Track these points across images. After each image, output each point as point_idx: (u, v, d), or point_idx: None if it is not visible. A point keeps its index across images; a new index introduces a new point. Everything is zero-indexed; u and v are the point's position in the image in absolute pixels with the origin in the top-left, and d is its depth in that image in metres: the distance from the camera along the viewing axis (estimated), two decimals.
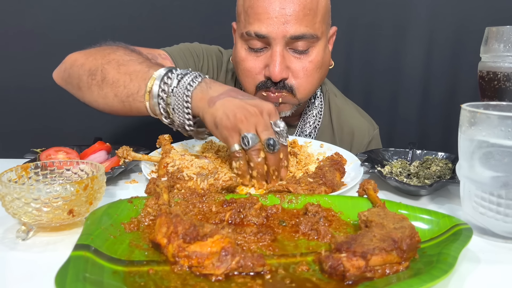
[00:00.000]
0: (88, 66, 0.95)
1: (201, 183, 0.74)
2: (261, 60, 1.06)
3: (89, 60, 0.96)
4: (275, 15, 0.99)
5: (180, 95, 0.83)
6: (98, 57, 0.95)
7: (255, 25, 1.01)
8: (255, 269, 0.49)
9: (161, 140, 0.92)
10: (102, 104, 0.94)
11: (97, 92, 0.93)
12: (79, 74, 0.96)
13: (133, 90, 0.88)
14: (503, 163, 0.59)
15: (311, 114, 1.23)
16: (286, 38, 1.00)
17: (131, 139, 1.62)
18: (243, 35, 1.05)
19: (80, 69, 0.96)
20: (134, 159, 0.88)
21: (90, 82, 0.94)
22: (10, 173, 0.65)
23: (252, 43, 1.04)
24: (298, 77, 1.06)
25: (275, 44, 1.01)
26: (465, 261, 0.57)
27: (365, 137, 1.27)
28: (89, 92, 0.95)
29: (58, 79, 1.05)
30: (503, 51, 0.78)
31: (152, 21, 1.69)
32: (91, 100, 0.96)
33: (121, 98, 0.90)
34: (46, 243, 0.60)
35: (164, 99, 0.84)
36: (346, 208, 0.67)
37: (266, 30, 1.00)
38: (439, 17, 1.74)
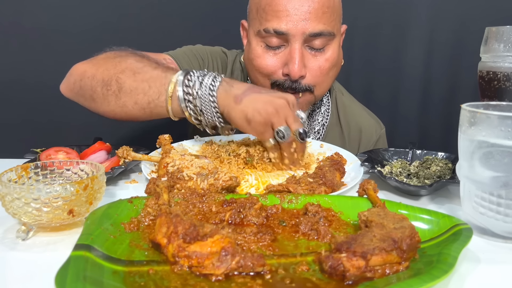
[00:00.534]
0: (101, 77, 0.94)
1: (201, 183, 0.74)
2: (279, 58, 1.06)
3: (100, 71, 0.95)
4: (294, 13, 1.00)
5: (205, 96, 0.86)
6: (109, 67, 0.95)
7: (274, 22, 1.01)
8: (255, 269, 0.49)
9: (161, 140, 0.92)
10: (120, 113, 0.95)
11: (115, 102, 0.93)
12: (92, 86, 0.95)
13: (154, 96, 0.89)
14: (503, 163, 0.59)
15: (319, 111, 1.24)
16: (305, 35, 1.01)
17: (131, 139, 1.62)
18: (260, 33, 1.05)
19: (92, 80, 0.95)
20: (134, 159, 0.88)
21: (105, 93, 0.93)
22: (10, 173, 0.65)
23: (269, 41, 1.04)
24: (315, 76, 1.07)
25: (294, 41, 1.02)
26: (465, 261, 0.57)
27: (372, 136, 1.29)
28: (105, 103, 0.95)
29: (67, 92, 1.03)
30: (503, 51, 0.78)
31: (150, 22, 1.69)
32: (108, 110, 0.96)
33: (142, 106, 0.91)
34: (46, 243, 0.60)
35: (191, 101, 0.87)
36: (346, 208, 0.67)
37: (286, 27, 1.01)
38: (439, 17, 1.74)
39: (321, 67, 1.06)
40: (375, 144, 1.29)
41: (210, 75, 0.88)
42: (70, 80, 1.01)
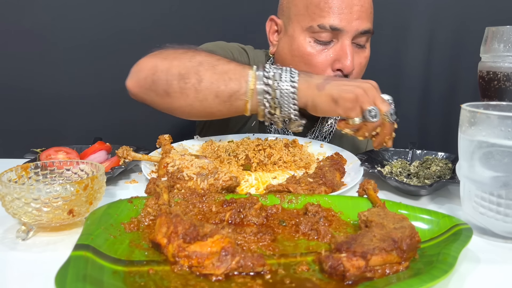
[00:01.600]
0: (177, 70, 0.91)
1: (201, 183, 0.74)
2: (329, 54, 1.08)
3: (175, 64, 0.92)
4: (349, 11, 1.04)
5: (286, 88, 0.87)
6: (184, 60, 0.92)
7: (329, 18, 1.04)
8: (255, 269, 0.49)
9: (161, 140, 0.92)
10: (198, 107, 0.92)
11: (194, 96, 0.90)
12: (167, 80, 0.91)
13: (235, 88, 0.89)
14: (503, 163, 0.59)
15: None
16: (357, 32, 1.06)
17: (131, 139, 1.62)
18: (311, 28, 1.07)
19: (167, 74, 0.92)
20: (134, 159, 0.88)
21: (183, 86, 0.90)
22: (10, 173, 0.65)
23: (321, 36, 1.06)
24: (357, 71, 1.12)
25: (346, 37, 1.06)
26: (465, 261, 0.57)
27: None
28: (182, 97, 0.91)
29: (136, 88, 0.97)
30: (503, 51, 0.78)
31: (150, 23, 1.69)
32: (184, 105, 0.92)
33: (223, 99, 0.90)
34: (46, 243, 0.60)
35: (270, 93, 0.88)
36: (346, 208, 0.67)
37: (341, 23, 1.04)
38: (439, 17, 1.74)
39: (361, 63, 1.12)
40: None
41: (285, 69, 0.89)
42: (140, 75, 0.95)
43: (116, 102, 1.73)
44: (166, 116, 1.71)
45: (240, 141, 1.02)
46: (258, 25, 1.62)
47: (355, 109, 0.84)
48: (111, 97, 1.71)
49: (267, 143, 0.98)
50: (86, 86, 1.70)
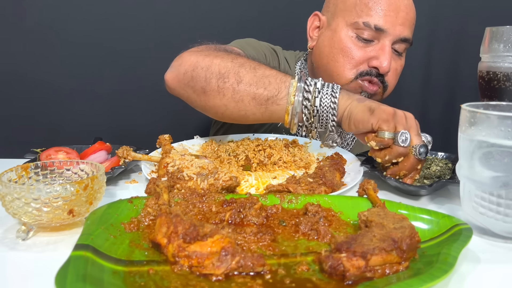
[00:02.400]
0: (217, 69, 0.91)
1: (201, 183, 0.74)
2: (368, 51, 1.11)
3: (216, 63, 0.92)
4: (395, 15, 1.08)
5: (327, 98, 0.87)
6: (226, 60, 0.93)
7: (375, 17, 1.08)
8: (255, 269, 0.49)
9: (161, 140, 0.92)
10: (233, 108, 0.91)
11: (231, 96, 0.90)
12: (206, 77, 0.91)
13: (274, 92, 0.88)
14: (503, 163, 0.59)
15: None
16: (398, 37, 1.10)
17: (131, 139, 1.62)
18: (356, 24, 1.10)
19: (207, 71, 0.92)
20: (134, 159, 0.88)
21: (221, 85, 0.90)
22: (10, 173, 0.65)
23: (364, 33, 1.10)
24: (392, 76, 1.14)
25: (387, 39, 1.09)
26: (465, 261, 0.57)
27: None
28: (218, 96, 0.91)
29: (174, 82, 0.97)
30: (503, 51, 0.78)
31: (158, 20, 1.69)
32: (220, 104, 0.92)
33: (259, 101, 0.89)
34: (46, 243, 0.60)
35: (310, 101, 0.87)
36: (346, 208, 0.67)
37: (386, 25, 1.08)
38: (439, 17, 1.74)
39: (397, 70, 1.16)
40: None
41: (327, 84, 0.89)
42: (180, 70, 0.95)
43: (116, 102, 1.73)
44: (166, 116, 1.72)
45: (240, 141, 1.02)
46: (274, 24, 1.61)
47: (389, 123, 0.81)
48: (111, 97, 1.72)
49: (267, 143, 0.98)
50: (86, 86, 1.70)
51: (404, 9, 1.09)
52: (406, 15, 1.09)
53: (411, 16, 1.11)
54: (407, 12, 1.10)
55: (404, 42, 1.11)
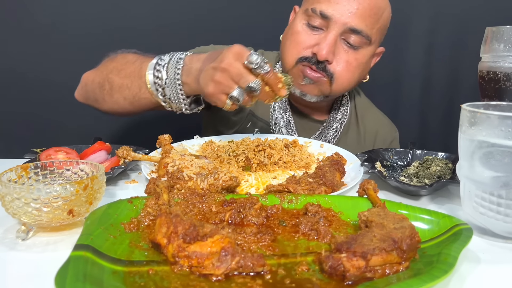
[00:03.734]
0: (98, 80, 1.05)
1: (201, 183, 0.74)
2: (314, 38, 1.09)
3: (97, 75, 1.06)
4: (344, 3, 1.05)
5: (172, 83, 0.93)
6: (103, 69, 1.06)
7: (323, 4, 1.06)
8: (255, 269, 0.49)
9: (161, 140, 0.92)
10: (118, 109, 1.04)
11: (110, 100, 1.03)
12: (93, 89, 1.07)
13: (136, 90, 0.98)
14: (503, 163, 0.59)
15: (339, 110, 1.27)
16: (345, 26, 1.06)
17: (131, 139, 1.62)
18: (307, 11, 1.10)
19: (92, 84, 1.07)
20: (134, 159, 0.88)
21: (102, 93, 1.04)
22: (10, 173, 0.65)
23: (313, 20, 1.09)
24: (340, 67, 1.10)
25: (333, 28, 1.06)
26: (465, 261, 0.57)
27: (388, 137, 1.32)
28: (104, 102, 1.05)
29: (79, 98, 1.14)
30: (503, 51, 0.78)
31: (159, 21, 1.69)
32: (109, 108, 1.06)
33: (130, 100, 1.00)
34: (46, 243, 0.60)
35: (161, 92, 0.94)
36: (346, 208, 0.67)
37: (332, 12, 1.05)
38: (439, 17, 1.74)
39: (348, 62, 1.10)
40: (389, 145, 1.32)
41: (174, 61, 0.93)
42: (80, 87, 1.13)
43: None
44: (166, 116, 1.71)
45: (240, 141, 1.02)
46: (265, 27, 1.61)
47: (220, 100, 0.85)
48: None
49: (267, 144, 0.98)
50: None
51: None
52: (359, 4, 1.05)
53: (366, 7, 1.06)
54: (359, 2, 1.05)
55: (355, 33, 1.07)
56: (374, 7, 1.07)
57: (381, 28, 1.12)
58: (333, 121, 1.25)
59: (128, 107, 1.02)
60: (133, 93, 0.99)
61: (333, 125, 1.25)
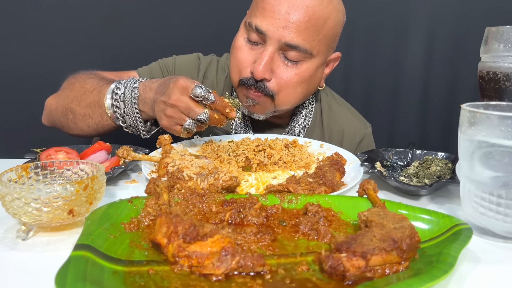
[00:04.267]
0: (60, 109, 1.09)
1: (201, 183, 0.74)
2: (253, 55, 1.05)
3: (59, 103, 1.10)
4: (279, 17, 0.99)
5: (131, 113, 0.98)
6: (64, 97, 1.09)
7: (258, 18, 1.01)
8: (255, 269, 0.49)
9: (161, 140, 0.92)
10: (84, 135, 1.09)
11: (75, 127, 1.08)
12: (58, 117, 1.11)
13: (98, 118, 1.03)
14: (503, 163, 0.59)
15: (300, 114, 1.23)
16: (280, 42, 1.00)
17: (131, 139, 1.62)
18: (246, 25, 1.06)
19: (56, 113, 1.11)
20: (134, 159, 0.88)
21: (66, 121, 1.08)
22: (10, 173, 0.65)
23: (250, 35, 1.04)
24: (280, 84, 1.05)
25: (269, 44, 1.01)
26: (465, 261, 0.57)
27: (355, 136, 1.27)
28: (70, 129, 1.10)
29: (46, 123, 1.18)
30: (503, 51, 0.78)
31: (153, 22, 1.69)
32: (76, 134, 1.11)
33: (94, 128, 1.05)
34: (46, 243, 0.60)
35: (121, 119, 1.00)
36: (346, 208, 0.67)
37: (266, 27, 1.00)
38: (439, 17, 1.74)
39: (288, 79, 1.04)
40: (358, 144, 1.28)
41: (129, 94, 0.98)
42: (45, 114, 1.17)
43: None
44: None
45: (240, 141, 1.02)
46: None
47: (175, 130, 0.90)
48: None
49: (267, 144, 0.98)
50: None
51: (292, 12, 0.98)
52: (293, 17, 0.98)
53: (301, 20, 0.98)
54: (294, 15, 0.98)
55: (293, 49, 1.00)
56: (312, 19, 0.99)
57: (326, 38, 1.05)
58: (294, 127, 1.22)
59: (93, 133, 1.08)
60: (96, 122, 1.03)
61: (294, 131, 1.22)
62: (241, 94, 1.09)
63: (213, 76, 1.26)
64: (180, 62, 1.25)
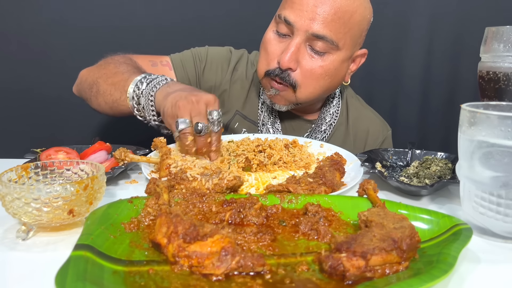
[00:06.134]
0: (89, 81, 1.14)
1: (206, 183, 0.74)
2: (281, 47, 1.10)
3: (90, 76, 1.15)
4: (306, 9, 1.04)
5: (147, 95, 0.97)
6: (96, 72, 1.14)
7: (287, 10, 1.07)
8: (255, 269, 0.49)
9: (156, 142, 0.92)
10: (102, 109, 1.13)
11: (95, 102, 1.13)
12: (84, 88, 1.16)
13: (117, 97, 1.05)
14: (503, 163, 0.59)
15: (328, 112, 1.28)
16: (308, 33, 1.04)
17: (131, 139, 1.62)
18: (276, 17, 1.11)
19: (85, 84, 1.16)
20: (132, 160, 0.88)
21: (90, 94, 1.13)
22: (10, 173, 0.65)
23: (280, 27, 1.09)
24: (304, 75, 1.09)
25: (296, 35, 1.06)
26: (465, 261, 0.57)
27: (379, 136, 1.33)
28: (91, 102, 1.15)
29: (75, 92, 1.24)
30: (503, 51, 0.78)
31: (160, 24, 1.69)
32: (95, 107, 1.15)
33: (110, 105, 1.08)
34: (46, 243, 0.60)
35: (136, 100, 1.00)
36: (346, 208, 0.67)
37: (294, 19, 1.05)
38: (439, 17, 1.74)
39: (313, 70, 1.08)
40: (381, 144, 1.33)
41: (160, 78, 0.99)
42: (76, 82, 1.22)
43: None
44: None
45: (240, 141, 1.02)
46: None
47: (173, 124, 0.88)
48: None
49: (267, 144, 0.98)
50: None
51: (319, 4, 1.03)
52: (321, 9, 1.02)
53: (328, 12, 1.03)
54: (322, 7, 1.03)
55: (320, 39, 1.05)
56: (338, 12, 1.03)
57: (352, 32, 1.08)
58: (322, 123, 1.27)
59: (107, 111, 1.11)
60: (113, 99, 1.06)
61: (321, 127, 1.26)
62: (265, 83, 1.14)
63: (243, 68, 1.30)
64: (212, 52, 1.29)
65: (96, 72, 1.14)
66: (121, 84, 1.04)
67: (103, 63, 1.16)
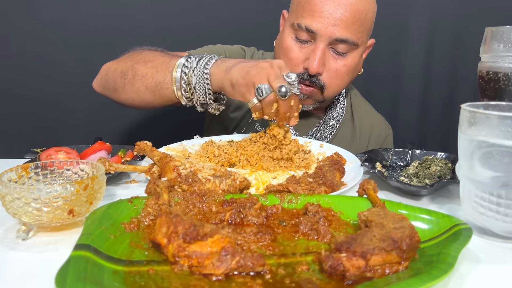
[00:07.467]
0: (120, 69, 1.09)
1: (220, 184, 0.74)
2: (304, 52, 1.15)
3: (120, 64, 1.10)
4: (327, 16, 1.09)
5: (200, 73, 0.95)
6: (127, 60, 1.10)
7: (307, 19, 1.11)
8: (255, 269, 0.49)
9: (142, 146, 0.85)
10: (136, 98, 1.07)
11: (130, 89, 1.06)
12: (114, 78, 1.10)
13: (160, 79, 1.01)
14: (503, 163, 0.59)
15: (335, 108, 1.33)
16: (331, 38, 1.10)
17: (131, 139, 1.62)
18: (293, 25, 1.14)
19: (114, 73, 1.10)
20: (117, 170, 0.82)
21: (123, 82, 1.07)
22: (10, 173, 0.65)
23: (299, 34, 1.14)
24: (331, 76, 1.15)
25: (320, 40, 1.11)
26: (465, 261, 0.57)
27: (382, 133, 1.38)
28: (123, 91, 1.08)
29: (97, 87, 1.17)
30: (503, 51, 0.78)
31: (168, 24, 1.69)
32: (127, 97, 1.09)
33: (151, 89, 1.03)
34: (46, 243, 0.60)
35: (185, 80, 0.97)
36: (346, 208, 0.67)
37: (316, 27, 1.10)
38: (439, 17, 1.74)
39: (338, 70, 1.15)
40: (383, 140, 1.38)
41: (207, 56, 0.97)
42: (99, 76, 1.16)
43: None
44: (166, 115, 1.72)
45: (240, 141, 1.02)
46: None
47: (248, 93, 0.88)
48: None
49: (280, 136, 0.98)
50: (86, 86, 1.69)
51: (339, 9, 1.08)
52: (341, 15, 1.09)
53: (349, 16, 1.09)
54: (341, 13, 1.09)
55: (342, 42, 1.11)
56: (357, 14, 1.10)
57: (367, 29, 1.17)
58: (329, 119, 1.31)
59: (148, 97, 1.05)
60: (156, 82, 1.01)
61: (329, 122, 1.30)
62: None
63: None
64: (228, 49, 1.33)
65: (128, 60, 1.10)
66: (164, 66, 1.01)
67: (132, 53, 1.13)
